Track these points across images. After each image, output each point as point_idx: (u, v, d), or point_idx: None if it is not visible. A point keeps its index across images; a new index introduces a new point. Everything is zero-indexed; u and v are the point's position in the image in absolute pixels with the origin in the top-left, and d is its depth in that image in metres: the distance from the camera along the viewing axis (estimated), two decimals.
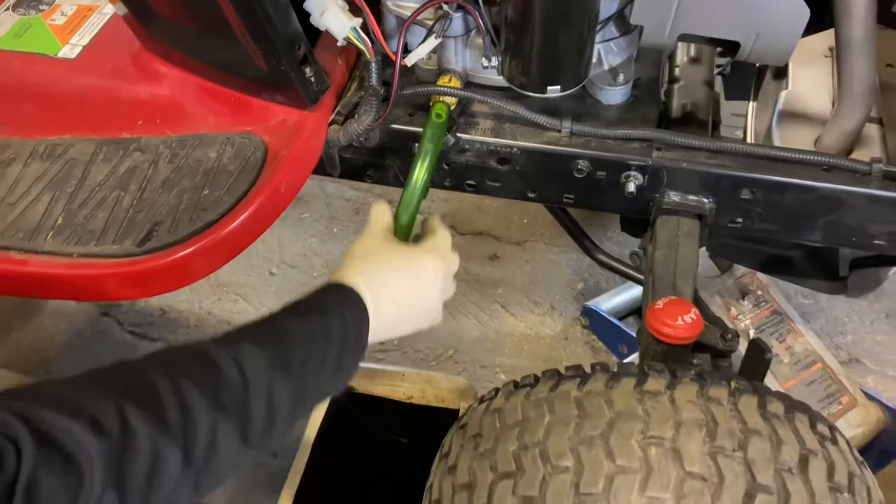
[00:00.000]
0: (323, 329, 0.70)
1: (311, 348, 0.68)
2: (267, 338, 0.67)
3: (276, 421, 0.64)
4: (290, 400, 0.65)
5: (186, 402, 0.57)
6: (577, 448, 0.68)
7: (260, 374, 0.62)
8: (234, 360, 0.62)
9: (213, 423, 0.58)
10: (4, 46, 1.12)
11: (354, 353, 0.73)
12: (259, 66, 0.91)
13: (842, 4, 0.82)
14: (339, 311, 0.72)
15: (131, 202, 0.93)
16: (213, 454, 0.58)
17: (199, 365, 0.61)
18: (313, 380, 0.68)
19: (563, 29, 0.83)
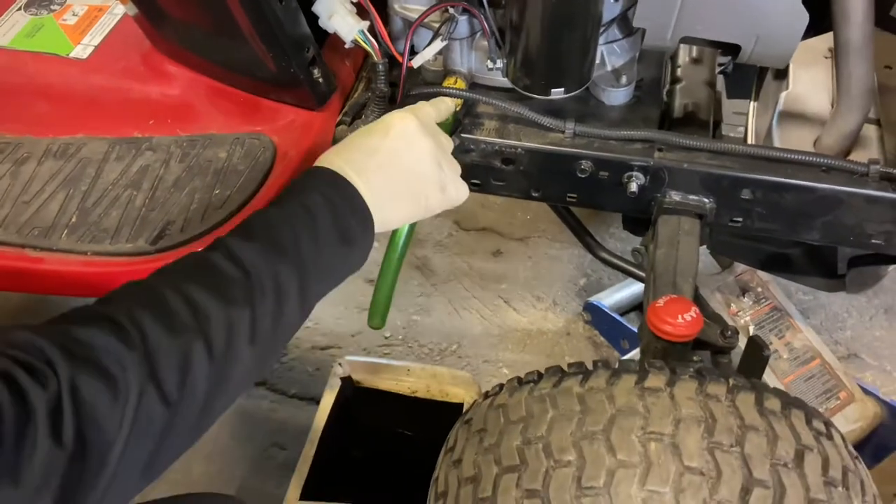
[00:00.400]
0: (304, 207, 0.71)
1: (297, 227, 0.69)
2: (253, 230, 0.69)
3: (287, 301, 0.66)
4: (296, 280, 0.67)
5: (195, 303, 0.61)
6: (579, 443, 0.70)
7: (256, 261, 0.65)
8: (229, 257, 0.65)
9: (226, 314, 0.61)
10: (17, 46, 1.14)
11: (355, 220, 0.74)
12: (268, 67, 0.93)
13: (840, 8, 0.83)
14: (314, 187, 0.73)
15: (144, 201, 0.95)
16: (232, 345, 0.61)
17: (199, 269, 0.64)
18: (313, 255, 0.69)
19: (566, 33, 0.85)
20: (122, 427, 0.53)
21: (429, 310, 1.75)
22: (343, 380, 1.41)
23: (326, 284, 0.73)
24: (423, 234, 1.90)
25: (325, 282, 0.72)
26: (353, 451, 1.38)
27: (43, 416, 0.50)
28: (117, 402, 0.53)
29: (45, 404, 0.50)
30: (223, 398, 0.63)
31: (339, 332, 1.71)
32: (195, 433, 0.62)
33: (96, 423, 0.52)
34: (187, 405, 0.58)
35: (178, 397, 0.57)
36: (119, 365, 0.54)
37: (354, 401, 1.41)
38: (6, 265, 0.90)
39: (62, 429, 0.50)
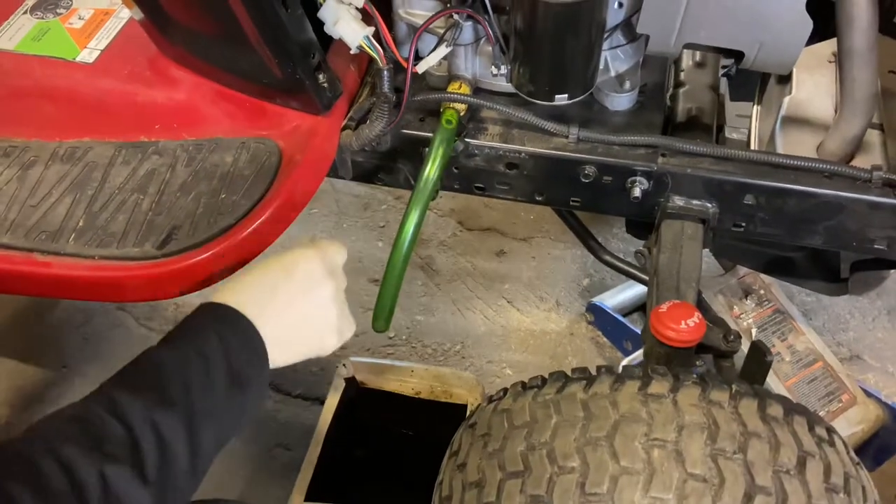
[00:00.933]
0: (197, 351, 0.69)
1: (188, 373, 0.68)
2: (140, 379, 0.67)
3: (172, 454, 0.64)
4: (184, 432, 0.65)
5: (69, 464, 0.58)
6: (582, 449, 0.70)
7: (138, 415, 0.63)
8: (111, 412, 0.63)
9: (100, 473, 0.59)
10: (24, 50, 1.15)
11: (250, 363, 0.72)
12: (274, 73, 0.93)
13: (844, 15, 0.83)
14: (210, 327, 0.72)
15: (150, 205, 0.96)
16: (112, 500, 0.59)
17: (78, 428, 0.62)
18: (205, 403, 0.68)
19: (570, 39, 0.85)
20: None
21: (432, 310, 1.76)
22: (347, 380, 1.42)
23: (220, 430, 0.70)
24: (426, 234, 1.91)
25: (219, 427, 0.70)
26: (357, 452, 1.39)
27: None
28: None
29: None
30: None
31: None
32: None
33: None
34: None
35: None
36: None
37: (358, 401, 1.42)
38: (15, 269, 0.91)
39: None
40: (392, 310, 0.96)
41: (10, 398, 1.63)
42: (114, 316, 1.76)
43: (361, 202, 2.00)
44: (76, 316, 1.76)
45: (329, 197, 2.01)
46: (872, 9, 0.81)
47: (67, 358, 1.69)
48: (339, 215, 1.98)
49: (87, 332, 1.73)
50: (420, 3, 0.95)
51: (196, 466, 0.67)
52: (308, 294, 0.80)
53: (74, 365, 1.68)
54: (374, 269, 1.82)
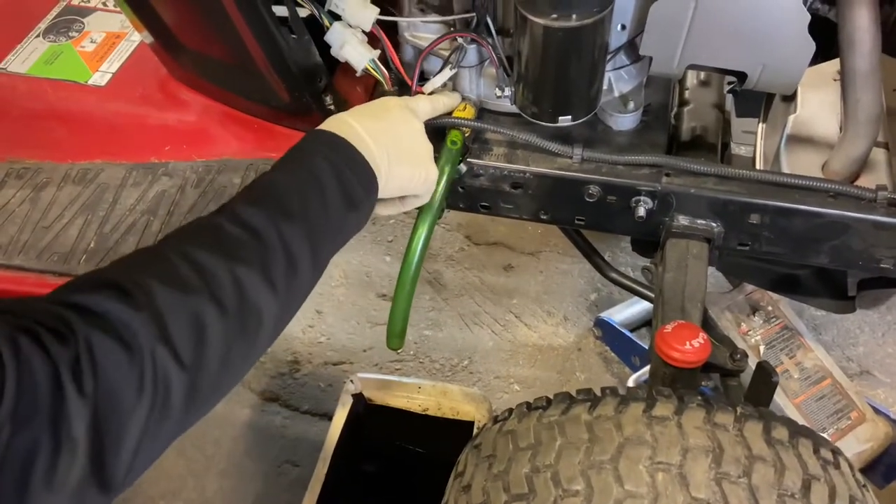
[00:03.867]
0: (311, 174, 0.71)
1: (305, 192, 0.69)
2: (262, 196, 0.68)
3: (298, 262, 0.66)
4: (306, 245, 0.67)
5: (200, 264, 0.60)
6: (587, 472, 0.71)
7: (263, 223, 0.65)
8: (235, 221, 0.64)
9: (231, 272, 0.60)
10: (36, 73, 1.17)
11: (360, 184, 0.75)
12: (282, 96, 0.94)
13: (847, 37, 0.84)
14: (318, 152, 0.74)
15: (160, 227, 0.97)
16: (245, 299, 0.61)
17: (204, 233, 0.64)
18: (321, 219, 0.70)
19: (574, 62, 0.86)
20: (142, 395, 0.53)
21: (440, 325, 1.76)
22: (355, 396, 1.43)
23: (335, 247, 0.74)
24: (434, 249, 1.92)
25: (334, 244, 0.73)
26: (365, 468, 1.39)
27: (67, 370, 0.50)
28: (133, 365, 0.53)
29: (68, 361, 0.51)
30: (242, 357, 0.63)
31: (351, 347, 1.72)
32: (218, 393, 0.62)
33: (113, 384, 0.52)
34: (204, 365, 0.58)
35: (193, 358, 0.57)
36: (129, 330, 0.54)
37: (366, 418, 1.42)
38: (27, 291, 0.93)
39: (83, 383, 0.51)
40: (405, 328, 0.96)
41: None
42: None
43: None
44: None
45: None
46: (875, 31, 0.81)
47: None
48: None
49: None
50: (425, 26, 0.96)
51: (315, 278, 0.69)
52: (404, 125, 0.84)
53: None
54: (382, 284, 1.83)
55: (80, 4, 1.27)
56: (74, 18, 1.25)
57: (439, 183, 0.94)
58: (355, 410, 1.41)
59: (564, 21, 0.81)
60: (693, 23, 0.84)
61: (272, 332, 0.65)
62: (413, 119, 0.86)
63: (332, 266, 1.93)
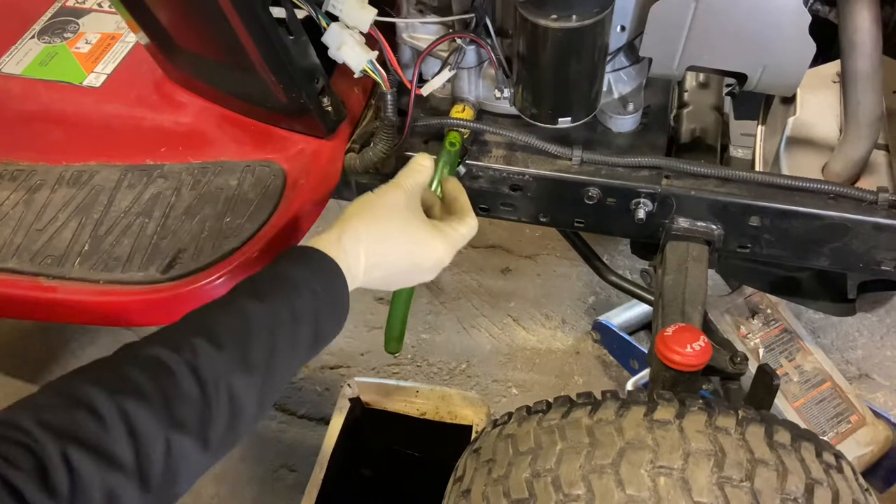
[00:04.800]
0: (291, 311, 0.66)
1: (277, 337, 0.64)
2: (225, 331, 0.62)
3: (241, 421, 0.62)
4: (256, 396, 0.62)
5: (136, 428, 0.55)
6: (588, 476, 0.70)
7: (219, 377, 0.59)
8: (189, 365, 0.59)
9: (167, 444, 0.56)
10: (31, 74, 1.16)
11: (331, 325, 0.70)
12: (279, 97, 0.94)
13: (848, 38, 0.83)
14: (308, 287, 0.68)
15: (155, 229, 0.96)
16: (173, 473, 0.57)
17: (151, 378, 0.58)
18: (281, 368, 0.65)
19: (574, 64, 0.85)
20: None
21: (438, 328, 1.76)
22: (352, 401, 1.41)
23: (283, 385, 0.68)
24: None
25: (285, 382, 0.68)
26: (363, 473, 1.38)
27: None
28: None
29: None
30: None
31: (348, 351, 1.71)
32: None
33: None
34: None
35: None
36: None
37: (364, 422, 1.41)
38: (21, 294, 0.91)
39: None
40: (403, 331, 0.96)
41: None
42: (120, 336, 1.76)
43: None
44: (81, 337, 1.76)
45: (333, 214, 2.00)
46: (876, 32, 0.81)
47: None
48: None
49: (93, 353, 1.74)
50: (424, 27, 0.96)
51: (257, 420, 0.65)
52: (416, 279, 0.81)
53: None
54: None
55: (76, 5, 1.26)
56: (69, 19, 1.24)
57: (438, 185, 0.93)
58: (353, 415, 1.40)
59: (564, 22, 0.80)
60: (693, 24, 0.84)
61: (191, 484, 0.61)
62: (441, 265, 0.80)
63: None
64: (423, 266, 0.79)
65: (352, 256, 0.73)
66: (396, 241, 0.76)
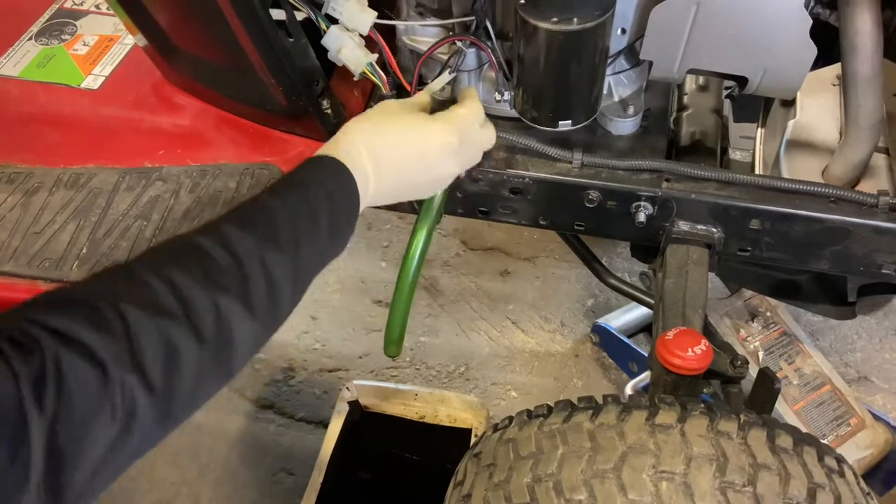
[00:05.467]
0: (307, 204, 0.70)
1: (298, 225, 0.68)
2: (253, 219, 0.67)
3: (279, 292, 0.65)
4: (289, 274, 0.66)
5: (180, 290, 0.58)
6: (590, 481, 0.69)
7: (250, 250, 0.63)
8: (221, 243, 0.62)
9: (213, 301, 0.59)
10: (29, 76, 1.16)
11: (347, 220, 0.75)
12: (278, 99, 0.93)
13: (849, 41, 0.83)
14: (321, 184, 0.73)
15: (154, 232, 0.96)
16: (225, 331, 0.60)
17: (187, 254, 0.62)
18: (307, 254, 0.69)
19: (574, 67, 0.85)
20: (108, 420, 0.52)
21: (437, 331, 1.75)
22: (351, 404, 1.41)
23: (314, 275, 0.72)
24: (430, 255, 1.90)
25: (314, 273, 0.72)
26: (361, 476, 1.38)
27: (29, 388, 0.49)
28: (101, 391, 0.52)
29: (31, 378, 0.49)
30: (216, 381, 0.62)
31: (346, 354, 1.71)
32: (188, 413, 0.60)
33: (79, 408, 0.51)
34: (175, 392, 0.57)
35: (165, 385, 0.56)
36: (99, 355, 0.52)
37: (362, 425, 1.41)
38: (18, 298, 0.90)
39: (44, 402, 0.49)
40: (402, 334, 0.95)
41: None
42: None
43: (365, 221, 2.00)
44: None
45: None
46: (877, 36, 0.81)
47: None
48: None
49: None
50: (424, 30, 0.95)
51: (294, 304, 0.69)
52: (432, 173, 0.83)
53: None
54: (378, 290, 1.82)
55: (73, 7, 1.26)
56: (67, 21, 1.24)
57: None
58: (351, 418, 1.40)
59: (565, 25, 0.80)
60: (694, 27, 0.84)
61: (248, 356, 0.65)
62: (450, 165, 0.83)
63: (328, 271, 1.91)
64: (431, 154, 0.80)
65: (353, 153, 0.76)
66: (392, 131, 0.80)
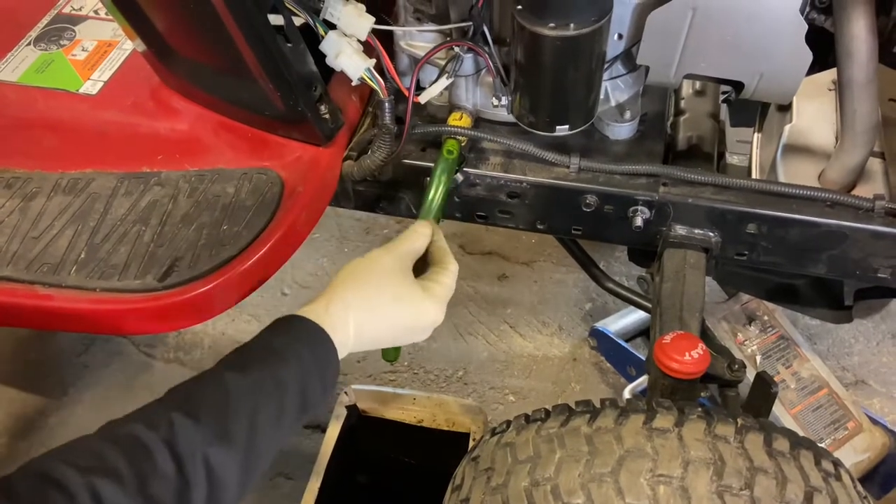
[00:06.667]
0: (275, 381, 0.64)
1: (259, 409, 0.63)
2: (205, 405, 0.61)
3: (223, 494, 0.60)
4: (237, 469, 0.61)
5: None
6: (587, 485, 0.70)
7: (194, 449, 0.58)
8: (165, 442, 0.58)
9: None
10: (27, 81, 1.16)
11: (321, 393, 0.69)
12: (276, 105, 0.93)
13: (844, 47, 0.84)
14: (295, 356, 0.67)
15: (152, 237, 0.96)
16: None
17: (126, 456, 0.57)
18: (264, 443, 0.63)
19: (571, 72, 0.85)
20: None
21: (434, 335, 1.71)
22: (349, 408, 1.41)
23: (270, 460, 0.66)
24: None
25: (270, 458, 0.66)
26: (359, 481, 1.37)
27: None
28: None
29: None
30: None
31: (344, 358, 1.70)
32: None
33: None
34: None
35: None
36: None
37: (360, 430, 1.41)
38: (16, 302, 0.91)
39: None
40: None
41: (11, 426, 1.62)
42: (114, 343, 1.75)
43: (363, 226, 2.00)
44: (76, 343, 1.75)
45: (331, 221, 2.01)
46: (871, 42, 0.81)
47: (68, 386, 1.68)
48: (341, 239, 1.98)
49: (88, 359, 1.73)
50: (421, 35, 0.96)
51: (242, 495, 0.63)
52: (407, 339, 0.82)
53: (75, 393, 1.67)
54: None
55: (72, 12, 1.26)
56: (66, 26, 1.24)
57: (435, 193, 0.93)
58: (349, 422, 1.40)
59: (562, 30, 0.80)
60: (690, 32, 0.84)
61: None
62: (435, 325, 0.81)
63: (326, 276, 1.91)
64: (417, 328, 0.80)
65: (340, 325, 0.72)
66: (386, 311, 0.77)
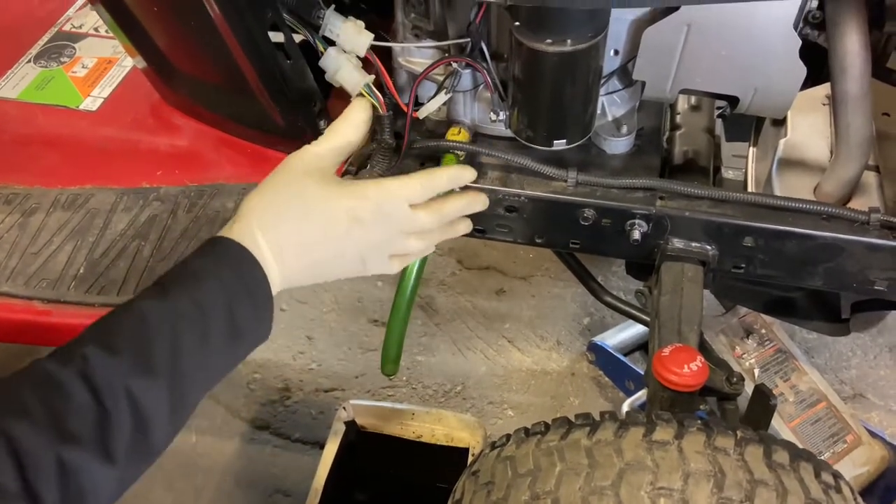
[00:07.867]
0: (194, 302, 0.61)
1: (180, 334, 0.59)
2: (121, 335, 0.58)
3: (150, 425, 0.57)
4: (165, 400, 0.57)
5: (19, 449, 0.51)
6: (588, 498, 0.69)
7: (113, 380, 0.55)
8: (81, 375, 0.55)
9: (56, 456, 0.52)
10: (27, 98, 1.16)
11: (253, 313, 0.64)
12: (276, 120, 0.94)
13: (838, 62, 0.85)
14: (214, 275, 0.63)
15: (151, 252, 0.96)
16: (71, 486, 0.52)
17: (37, 394, 0.54)
18: (191, 369, 0.60)
19: (568, 87, 0.86)
20: None
21: (433, 350, 1.75)
22: (347, 424, 1.41)
23: (209, 383, 0.63)
24: (426, 273, 1.90)
25: (208, 382, 0.63)
26: (358, 497, 1.37)
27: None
28: None
29: None
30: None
31: (342, 373, 1.70)
32: None
33: None
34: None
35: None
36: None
37: (359, 445, 1.40)
38: (15, 318, 0.91)
39: None
40: (399, 353, 0.96)
41: None
42: None
43: None
44: None
45: None
46: (865, 56, 0.82)
47: None
48: None
49: None
50: (420, 51, 0.97)
51: (176, 426, 0.60)
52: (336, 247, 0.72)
53: None
54: (374, 309, 1.82)
55: (72, 30, 1.27)
56: (66, 44, 1.25)
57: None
58: (347, 438, 1.39)
59: (559, 46, 0.81)
60: (685, 48, 0.85)
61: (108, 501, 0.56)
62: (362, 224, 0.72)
63: (323, 291, 1.91)
64: (335, 232, 0.70)
65: (247, 236, 0.66)
66: (290, 206, 0.69)
